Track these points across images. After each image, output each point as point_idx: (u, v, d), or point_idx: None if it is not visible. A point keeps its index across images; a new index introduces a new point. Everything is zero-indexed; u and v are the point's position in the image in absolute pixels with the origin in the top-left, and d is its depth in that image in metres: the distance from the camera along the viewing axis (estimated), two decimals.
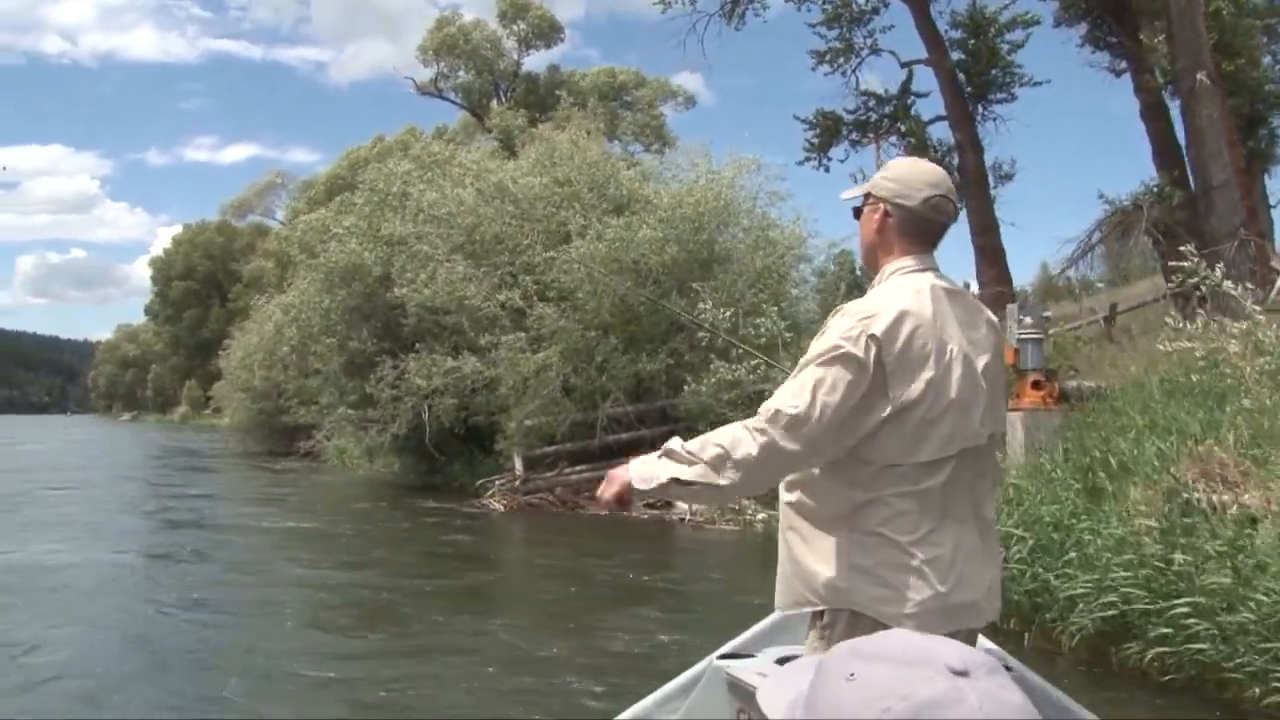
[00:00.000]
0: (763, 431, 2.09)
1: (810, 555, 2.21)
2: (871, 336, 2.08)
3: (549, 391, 15.00)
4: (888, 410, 2.10)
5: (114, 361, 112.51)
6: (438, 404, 16.19)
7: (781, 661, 2.48)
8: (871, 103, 28.88)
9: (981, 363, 2.22)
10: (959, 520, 2.16)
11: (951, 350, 2.15)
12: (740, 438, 2.11)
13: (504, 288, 16.04)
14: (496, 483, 15.32)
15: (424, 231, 16.86)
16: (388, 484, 20.30)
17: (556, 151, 17.30)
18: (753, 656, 2.82)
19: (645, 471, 2.19)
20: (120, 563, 11.18)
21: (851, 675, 0.93)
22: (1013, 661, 2.74)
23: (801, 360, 2.18)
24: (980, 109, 27.27)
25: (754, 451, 2.08)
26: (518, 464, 15.46)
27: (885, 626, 2.00)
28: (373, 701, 6.01)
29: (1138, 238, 20.75)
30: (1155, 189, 20.33)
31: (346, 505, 18.25)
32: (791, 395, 2.10)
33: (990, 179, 26.75)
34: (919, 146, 27.98)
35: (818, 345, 2.15)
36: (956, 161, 27.11)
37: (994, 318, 2.39)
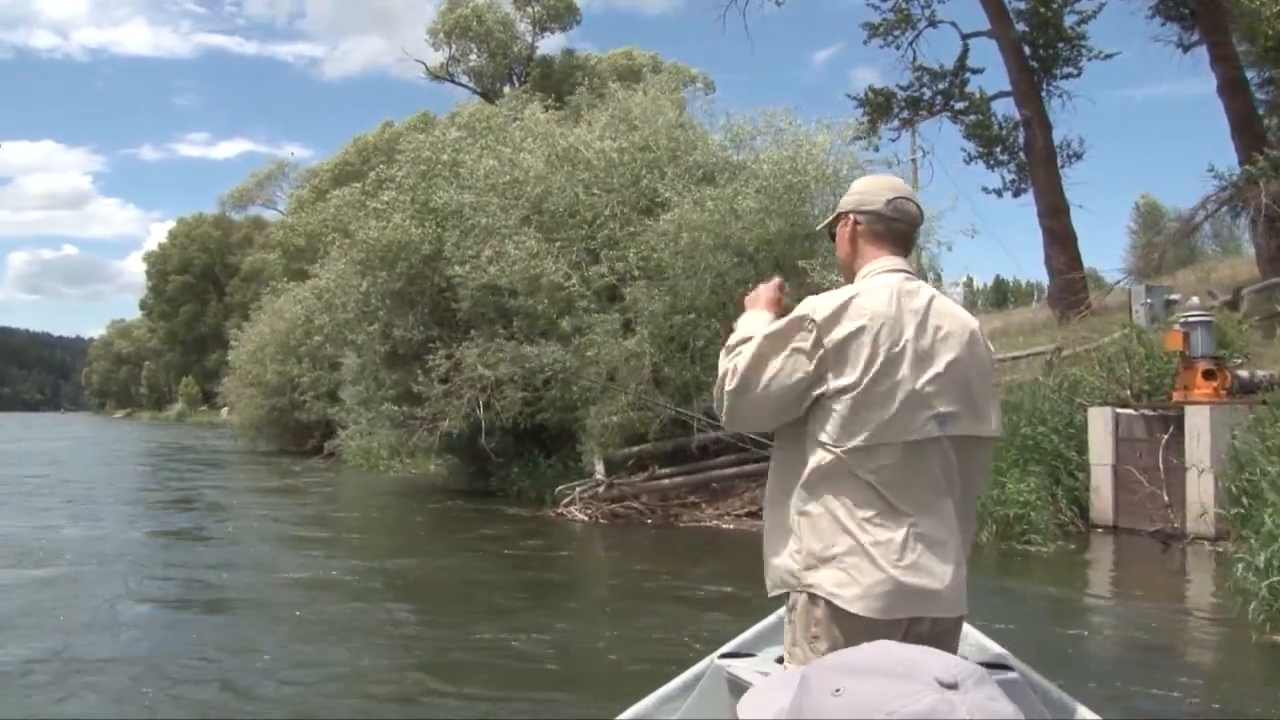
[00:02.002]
0: (720, 389, 2.27)
1: (776, 539, 2.28)
2: (813, 320, 2.16)
3: (641, 383, 12.79)
4: (824, 389, 2.16)
5: (107, 358, 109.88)
6: (503, 398, 13.96)
7: (782, 660, 2.43)
8: (925, 79, 26.87)
9: (943, 361, 2.20)
10: (917, 509, 2.17)
11: (904, 345, 2.17)
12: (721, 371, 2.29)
13: (584, 264, 13.78)
14: (577, 489, 13.05)
15: (484, 202, 14.57)
16: (433, 489, 17.96)
17: (632, 114, 15.04)
18: (754, 655, 2.78)
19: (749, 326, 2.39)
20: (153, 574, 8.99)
21: (838, 690, 0.92)
22: (1015, 661, 2.76)
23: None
24: (1045, 84, 25.22)
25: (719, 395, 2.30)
26: (599, 467, 13.21)
27: (840, 610, 2.12)
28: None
29: (1252, 214, 18.73)
30: (1272, 162, 18.23)
31: (397, 513, 15.91)
32: (742, 363, 2.22)
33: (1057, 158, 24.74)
34: (982, 124, 25.95)
35: (774, 329, 2.23)
36: (1022, 139, 25.14)
37: (976, 324, 2.33)
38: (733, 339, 2.32)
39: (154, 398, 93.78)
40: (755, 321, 2.36)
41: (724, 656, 2.81)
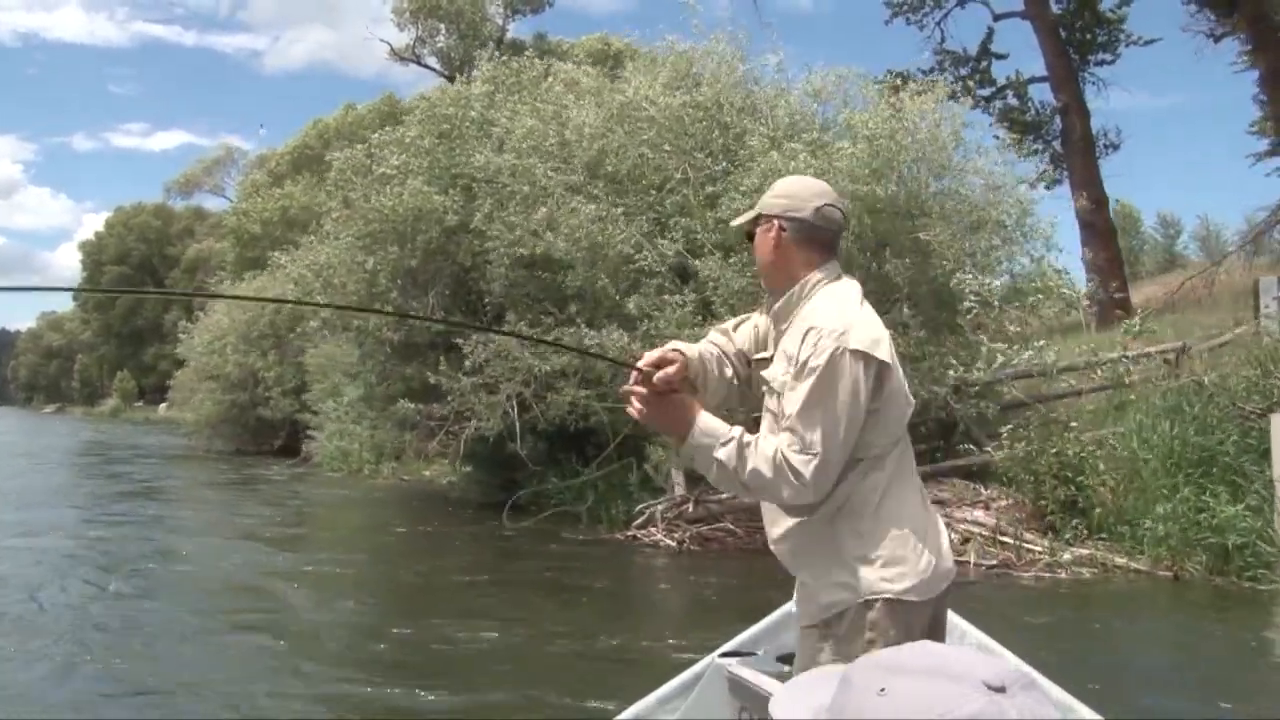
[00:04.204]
0: (796, 477, 2.12)
1: (822, 563, 2.23)
2: (879, 361, 2.16)
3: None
4: (876, 404, 2.17)
5: (36, 351, 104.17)
6: (552, 394, 11.56)
7: (782, 659, 2.39)
8: (947, 62, 24.93)
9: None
10: (920, 491, 2.32)
11: (892, 341, 2.27)
12: (771, 469, 2.14)
13: (653, 235, 11.39)
14: (659, 508, 10.63)
15: (525, 164, 12.10)
16: (443, 500, 15.30)
17: (695, 66, 12.66)
18: (754, 655, 2.69)
19: (708, 434, 2.18)
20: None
21: (882, 690, 0.89)
22: (1012, 658, 2.64)
23: (807, 392, 2.14)
24: (1080, 71, 23.37)
25: (778, 494, 2.18)
26: (678, 481, 10.81)
27: (895, 602, 2.15)
28: None
29: None
30: None
31: (419, 533, 13.24)
32: (816, 447, 2.12)
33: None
34: (1019, 109, 24.06)
35: (822, 384, 2.13)
36: (1059, 126, 23.29)
37: None
38: (724, 454, 2.16)
39: (86, 392, 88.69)
40: (713, 422, 2.22)
41: (724, 655, 2.70)
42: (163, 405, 55.78)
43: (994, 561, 9.06)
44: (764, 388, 2.32)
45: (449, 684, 5.88)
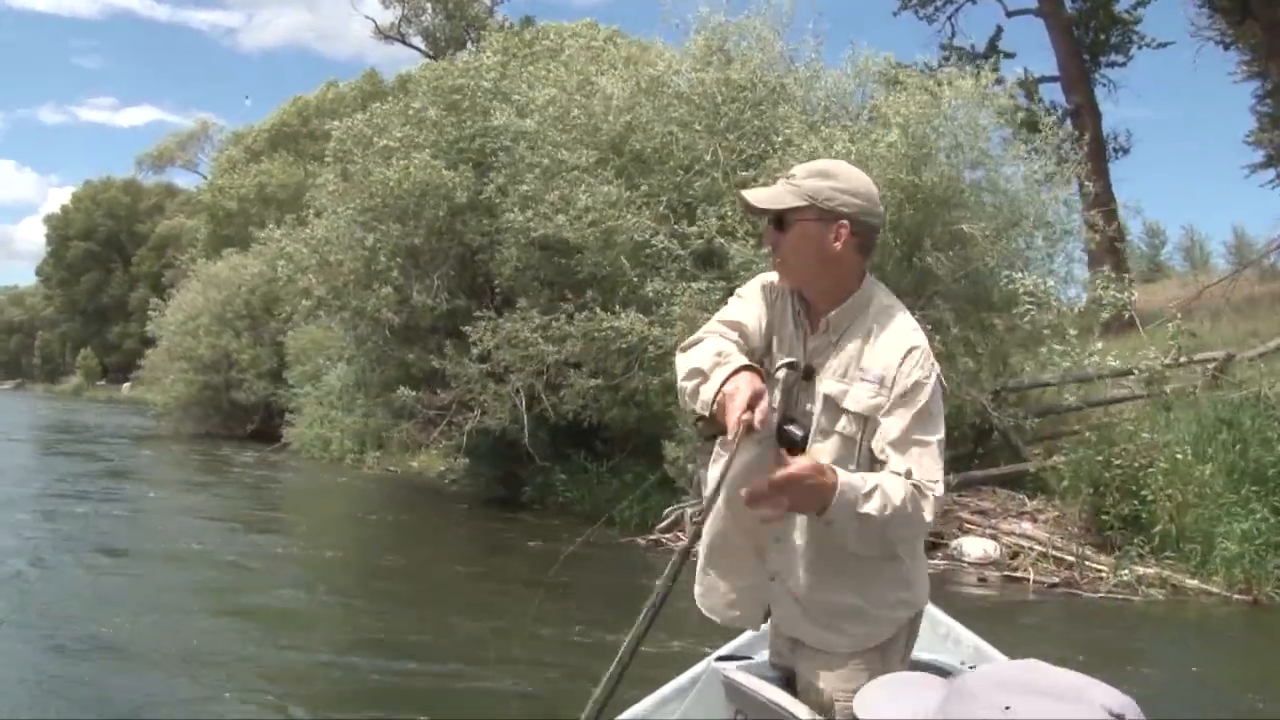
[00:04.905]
0: (932, 493, 1.93)
1: (875, 589, 2.06)
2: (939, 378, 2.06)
3: None
4: None
5: None
6: (564, 384, 10.83)
7: (778, 664, 2.37)
8: (954, 59, 24.38)
9: None
10: None
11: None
12: (911, 499, 1.89)
13: (672, 218, 10.67)
14: (688, 511, 9.91)
15: (545, 134, 11.33)
16: (438, 494, 14.56)
17: (727, 44, 11.90)
18: (751, 659, 2.58)
19: (850, 492, 1.84)
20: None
21: (1008, 708, 0.88)
22: (990, 649, 2.70)
23: (919, 410, 1.96)
24: (1091, 72, 22.89)
25: (922, 522, 1.95)
26: (707, 482, 10.07)
27: (922, 611, 2.17)
28: None
29: None
30: None
31: (415, 528, 12.46)
32: (934, 469, 1.96)
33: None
34: (1031, 110, 23.50)
35: (932, 400, 1.99)
36: (1070, 129, 22.75)
37: None
38: (872, 506, 1.85)
39: (47, 369, 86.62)
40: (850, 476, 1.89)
41: (720, 659, 2.62)
42: (126, 385, 54.38)
43: (1055, 580, 8.39)
44: (810, 405, 2.04)
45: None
